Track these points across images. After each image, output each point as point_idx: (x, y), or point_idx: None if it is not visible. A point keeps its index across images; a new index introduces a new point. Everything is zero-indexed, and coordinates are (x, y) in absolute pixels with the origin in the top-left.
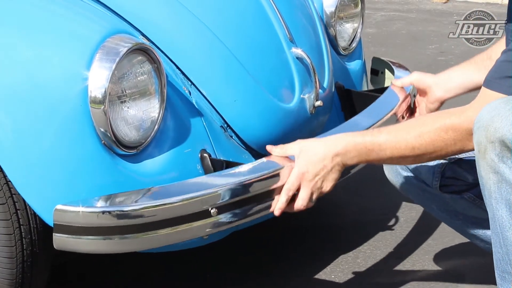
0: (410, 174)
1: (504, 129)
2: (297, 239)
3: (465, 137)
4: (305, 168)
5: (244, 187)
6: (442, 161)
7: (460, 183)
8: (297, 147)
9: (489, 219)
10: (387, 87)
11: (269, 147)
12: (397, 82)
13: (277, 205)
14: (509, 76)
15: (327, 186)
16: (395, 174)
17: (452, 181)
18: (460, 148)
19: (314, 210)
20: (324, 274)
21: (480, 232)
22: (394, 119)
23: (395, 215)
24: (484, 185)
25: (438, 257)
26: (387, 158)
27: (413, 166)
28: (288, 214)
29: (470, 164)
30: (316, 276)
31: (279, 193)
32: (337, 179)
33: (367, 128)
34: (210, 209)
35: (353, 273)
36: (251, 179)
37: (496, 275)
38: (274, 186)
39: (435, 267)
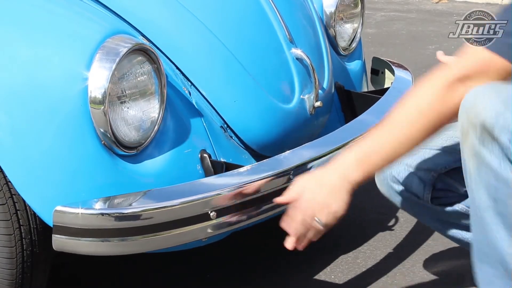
0: (401, 187)
1: (486, 113)
2: None
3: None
4: (310, 212)
5: (243, 190)
6: (432, 173)
7: (452, 195)
8: (299, 188)
9: (469, 201)
10: (387, 88)
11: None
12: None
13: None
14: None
15: (336, 208)
16: (386, 188)
17: (443, 193)
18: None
19: None
20: (324, 274)
21: None
22: None
23: (395, 215)
24: (466, 168)
25: (438, 257)
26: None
27: (404, 179)
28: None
29: (462, 175)
30: (316, 276)
31: (279, 195)
32: (346, 199)
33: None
34: (209, 212)
35: (353, 273)
36: (250, 182)
37: (474, 257)
38: (273, 189)
39: (435, 267)
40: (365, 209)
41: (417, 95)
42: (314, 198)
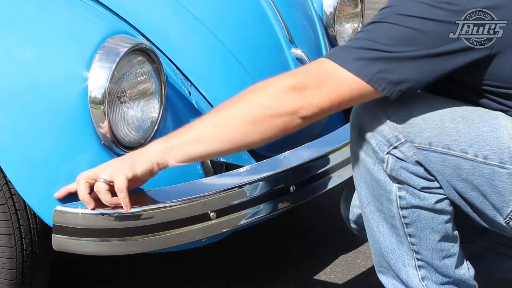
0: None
1: (365, 116)
2: (297, 239)
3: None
4: (97, 171)
5: (243, 190)
6: None
7: None
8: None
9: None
10: None
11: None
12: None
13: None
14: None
15: (129, 170)
16: (357, 229)
17: None
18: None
19: (314, 210)
20: (324, 274)
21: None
22: None
23: None
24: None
25: None
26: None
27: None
28: (288, 214)
29: None
30: (316, 276)
31: (278, 195)
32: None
33: None
34: (209, 212)
35: (353, 273)
36: (249, 182)
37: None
38: (267, 189)
39: None
40: None
41: (254, 92)
42: (108, 163)
